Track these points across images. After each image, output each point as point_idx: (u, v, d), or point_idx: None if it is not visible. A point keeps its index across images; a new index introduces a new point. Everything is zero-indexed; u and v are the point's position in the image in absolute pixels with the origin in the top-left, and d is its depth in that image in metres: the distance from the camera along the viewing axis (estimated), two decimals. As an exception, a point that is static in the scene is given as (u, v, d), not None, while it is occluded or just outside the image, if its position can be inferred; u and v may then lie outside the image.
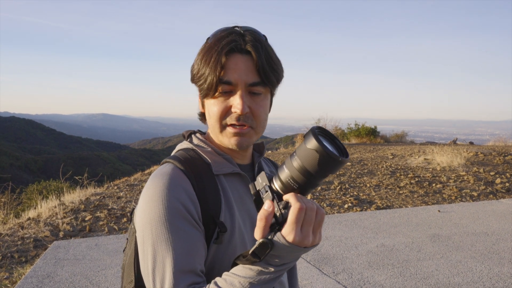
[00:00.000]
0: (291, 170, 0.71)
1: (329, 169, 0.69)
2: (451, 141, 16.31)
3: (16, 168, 56.48)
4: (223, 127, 0.93)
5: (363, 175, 9.01)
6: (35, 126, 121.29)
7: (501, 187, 7.78)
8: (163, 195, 0.86)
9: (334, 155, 0.67)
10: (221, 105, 0.91)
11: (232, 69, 0.89)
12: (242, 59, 0.89)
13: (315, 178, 0.70)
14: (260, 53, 0.89)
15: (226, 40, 0.90)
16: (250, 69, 0.89)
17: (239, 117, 0.90)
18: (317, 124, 16.11)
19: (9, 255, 4.37)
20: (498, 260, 4.14)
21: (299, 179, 0.71)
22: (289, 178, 0.72)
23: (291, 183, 0.72)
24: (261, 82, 0.90)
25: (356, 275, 3.75)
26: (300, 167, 0.70)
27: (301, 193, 0.73)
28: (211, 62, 0.89)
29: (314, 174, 0.69)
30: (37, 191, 8.34)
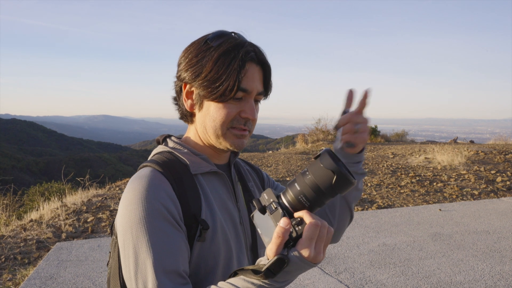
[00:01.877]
0: (303, 188, 0.73)
1: (341, 189, 0.72)
2: (452, 140, 16.30)
3: (17, 170, 56.55)
4: (226, 130, 0.96)
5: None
6: (36, 128, 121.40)
7: (502, 185, 7.78)
8: (142, 197, 0.85)
9: (349, 177, 0.71)
10: (232, 110, 0.94)
11: (250, 78, 0.94)
12: (257, 69, 0.96)
13: (325, 197, 0.73)
14: (269, 66, 0.98)
15: (244, 49, 0.93)
16: (260, 80, 0.97)
17: (247, 122, 0.96)
18: (317, 123, 16.13)
19: (12, 256, 4.39)
20: (500, 259, 4.14)
21: (311, 197, 0.73)
22: (301, 196, 0.74)
23: (302, 200, 0.74)
24: (264, 93, 0.99)
25: (358, 274, 3.77)
26: (314, 185, 0.72)
27: (310, 210, 0.75)
28: (233, 68, 0.91)
29: (326, 193, 0.72)
30: (39, 192, 8.36)
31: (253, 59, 0.94)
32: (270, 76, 0.98)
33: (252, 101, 0.96)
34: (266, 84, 0.98)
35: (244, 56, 0.92)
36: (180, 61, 0.99)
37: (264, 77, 0.97)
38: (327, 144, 15.02)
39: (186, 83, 0.97)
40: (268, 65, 0.98)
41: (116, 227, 0.90)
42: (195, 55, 0.95)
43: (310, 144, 15.37)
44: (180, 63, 0.99)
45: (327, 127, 16.33)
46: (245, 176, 1.17)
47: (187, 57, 0.96)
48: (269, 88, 1.00)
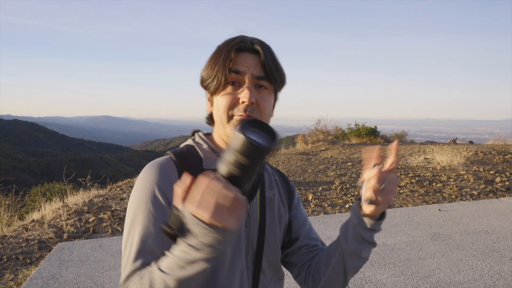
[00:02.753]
0: (227, 165, 0.71)
1: (258, 158, 0.69)
2: (451, 141, 16.32)
3: (19, 171, 56.61)
4: (229, 118, 0.98)
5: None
6: (37, 128, 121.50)
7: (501, 185, 7.80)
8: (146, 180, 0.95)
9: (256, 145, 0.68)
10: (229, 97, 0.98)
11: (240, 62, 0.97)
12: (250, 56, 0.98)
13: (249, 169, 0.70)
14: (266, 52, 0.98)
15: (235, 41, 0.99)
16: (257, 65, 0.98)
17: (246, 107, 0.96)
18: (317, 124, 16.14)
19: (14, 256, 4.42)
20: (499, 258, 4.17)
21: (236, 173, 0.70)
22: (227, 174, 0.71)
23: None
24: (266, 77, 0.98)
25: (358, 274, 3.79)
26: (234, 161, 0.69)
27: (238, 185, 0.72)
28: (221, 59, 0.97)
29: (247, 165, 0.69)
30: (41, 193, 8.39)
31: (242, 48, 0.98)
32: (269, 60, 0.98)
33: (248, 85, 0.97)
34: (267, 68, 0.98)
35: (232, 46, 0.97)
36: None
37: (263, 62, 0.97)
38: (327, 144, 15.04)
39: (202, 87, 1.05)
40: (264, 50, 0.98)
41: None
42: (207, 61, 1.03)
43: (310, 144, 15.39)
44: None
45: (327, 127, 16.36)
46: (268, 183, 1.14)
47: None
48: (272, 72, 0.98)
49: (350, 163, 10.47)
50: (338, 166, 10.11)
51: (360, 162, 10.72)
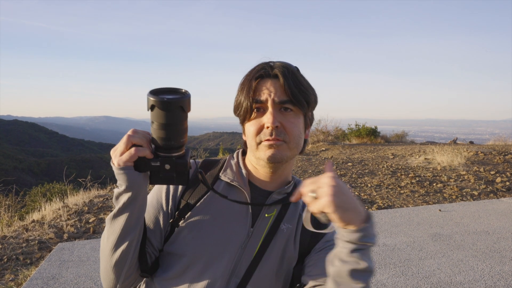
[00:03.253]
0: (155, 134, 0.84)
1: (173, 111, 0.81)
2: (451, 141, 16.31)
3: (19, 171, 56.60)
4: (258, 144, 1.03)
5: (364, 175, 9.04)
6: (38, 129, 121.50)
7: (502, 186, 7.79)
8: None
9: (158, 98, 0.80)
10: (255, 124, 1.03)
11: (262, 90, 1.02)
12: (271, 82, 1.02)
13: (174, 125, 0.83)
14: (287, 76, 1.01)
15: (256, 69, 1.05)
16: (279, 90, 1.01)
17: (272, 131, 1.00)
18: (317, 124, 16.14)
19: (14, 257, 4.42)
20: (500, 259, 4.16)
21: (163, 135, 0.83)
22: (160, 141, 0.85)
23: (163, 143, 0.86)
24: (289, 101, 1.01)
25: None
26: (159, 125, 0.82)
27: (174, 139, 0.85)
28: (245, 89, 1.03)
29: (169, 122, 0.82)
30: (41, 193, 8.38)
31: (262, 75, 1.03)
32: (290, 83, 1.01)
33: (271, 110, 1.00)
34: (288, 91, 1.00)
35: (253, 76, 1.03)
36: None
37: (284, 86, 1.00)
38: (327, 144, 15.04)
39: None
40: (285, 74, 1.01)
41: None
42: None
43: (311, 145, 15.39)
44: None
45: (327, 128, 16.35)
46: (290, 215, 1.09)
47: None
48: (295, 94, 1.00)
49: (351, 164, 10.47)
50: (339, 167, 10.11)
51: (361, 162, 10.72)
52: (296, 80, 1.02)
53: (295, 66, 1.06)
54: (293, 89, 1.00)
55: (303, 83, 1.03)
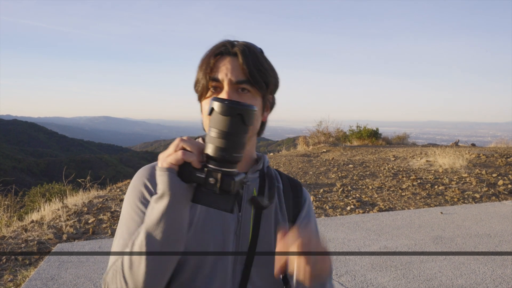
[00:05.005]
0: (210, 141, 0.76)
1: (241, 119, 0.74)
2: (453, 143, 16.29)
3: (18, 171, 56.63)
4: None
5: (365, 177, 9.01)
6: (37, 129, 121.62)
7: (504, 188, 7.77)
8: (135, 180, 1.02)
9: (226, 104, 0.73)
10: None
11: (219, 67, 0.97)
12: (230, 60, 0.97)
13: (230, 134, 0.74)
14: (247, 55, 0.97)
15: (216, 45, 1.00)
16: (237, 69, 0.96)
17: None
18: (318, 125, 16.13)
19: (13, 257, 4.39)
20: (501, 262, 4.14)
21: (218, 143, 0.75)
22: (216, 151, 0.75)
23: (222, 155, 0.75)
24: (246, 81, 0.96)
25: (359, 277, 3.76)
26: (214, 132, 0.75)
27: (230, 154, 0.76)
28: (203, 65, 0.99)
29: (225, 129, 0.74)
30: (40, 193, 8.36)
31: (222, 52, 0.98)
32: (250, 62, 0.96)
33: (227, 90, 0.95)
34: (247, 71, 0.95)
35: (212, 52, 0.99)
36: None
37: (243, 65, 0.96)
38: (329, 146, 15.02)
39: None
40: (245, 53, 0.96)
41: None
42: None
43: (312, 146, 15.37)
44: None
45: (328, 129, 16.33)
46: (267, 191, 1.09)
47: None
48: (253, 75, 0.96)
49: (352, 165, 10.44)
50: (340, 168, 10.08)
51: (362, 164, 10.69)
52: (256, 60, 0.97)
53: (259, 48, 1.02)
54: (252, 68, 0.96)
55: (264, 64, 0.99)
